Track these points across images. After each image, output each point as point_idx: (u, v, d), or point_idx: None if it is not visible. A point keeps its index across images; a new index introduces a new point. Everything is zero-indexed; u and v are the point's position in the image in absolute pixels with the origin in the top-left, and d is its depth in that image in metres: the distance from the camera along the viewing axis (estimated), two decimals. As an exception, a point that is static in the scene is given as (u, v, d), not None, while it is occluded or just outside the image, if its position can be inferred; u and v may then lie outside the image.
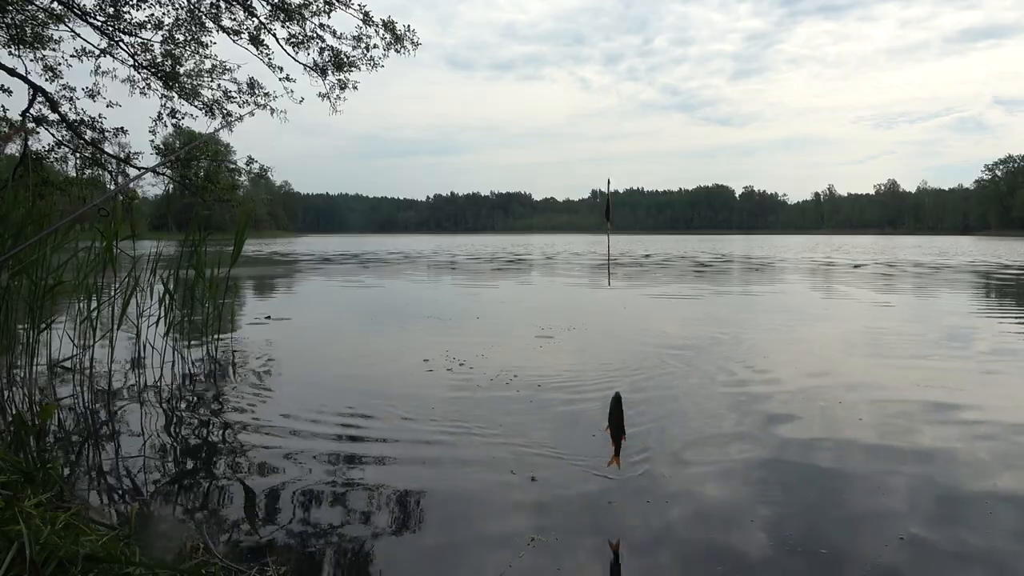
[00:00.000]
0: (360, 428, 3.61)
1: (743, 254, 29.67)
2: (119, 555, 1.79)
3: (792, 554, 2.23)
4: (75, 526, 1.93)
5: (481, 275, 16.81)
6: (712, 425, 3.66)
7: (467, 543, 2.33)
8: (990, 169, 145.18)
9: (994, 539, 2.34)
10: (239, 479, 2.88)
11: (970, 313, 8.87)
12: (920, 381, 4.67)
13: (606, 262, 21.62)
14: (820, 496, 2.72)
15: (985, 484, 2.83)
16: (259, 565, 2.06)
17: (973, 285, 13.48)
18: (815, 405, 4.05)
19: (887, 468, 3.00)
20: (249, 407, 4.06)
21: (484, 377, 4.73)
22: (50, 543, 1.73)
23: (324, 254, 30.81)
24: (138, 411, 3.93)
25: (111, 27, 9.67)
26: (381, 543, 2.30)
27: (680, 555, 2.24)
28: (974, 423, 3.71)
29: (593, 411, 3.91)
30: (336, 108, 9.98)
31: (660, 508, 2.57)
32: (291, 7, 9.50)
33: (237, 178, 12.59)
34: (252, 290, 12.50)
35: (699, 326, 7.36)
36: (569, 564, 2.17)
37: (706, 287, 13.05)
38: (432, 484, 2.81)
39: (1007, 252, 31.37)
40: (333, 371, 5.30)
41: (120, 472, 2.93)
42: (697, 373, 4.93)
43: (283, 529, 2.38)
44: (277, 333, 6.95)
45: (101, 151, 10.21)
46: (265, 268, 19.70)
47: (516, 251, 33.97)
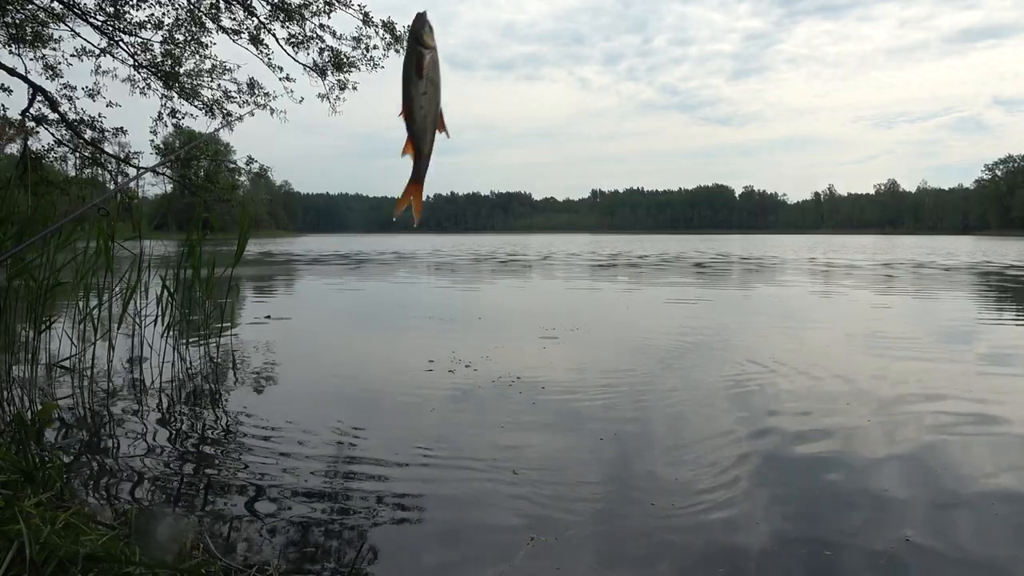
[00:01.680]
0: (360, 428, 3.61)
1: (744, 254, 29.67)
2: (119, 555, 1.79)
3: (792, 555, 2.23)
4: (75, 526, 1.93)
5: (482, 275, 16.81)
6: (713, 426, 3.66)
7: (467, 543, 2.33)
8: (990, 169, 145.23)
9: (995, 540, 2.35)
10: (239, 479, 2.88)
11: (971, 313, 8.88)
12: (921, 381, 4.67)
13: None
14: (821, 497, 2.72)
15: (986, 485, 2.83)
16: (259, 565, 2.06)
17: (974, 285, 13.47)
18: (819, 406, 4.05)
19: (888, 469, 3.00)
20: (249, 407, 4.06)
21: (487, 378, 4.73)
22: (50, 543, 1.73)
23: (321, 253, 30.81)
24: (138, 411, 3.93)
25: (111, 27, 9.67)
26: (381, 543, 2.30)
27: (680, 555, 2.24)
28: (976, 423, 3.71)
29: (597, 413, 3.92)
30: (336, 108, 9.98)
31: (660, 508, 2.57)
32: (291, 7, 9.50)
33: (237, 178, 12.60)
34: (252, 290, 12.50)
35: (702, 327, 7.37)
36: (568, 564, 2.17)
37: (708, 287, 13.05)
38: (432, 484, 2.82)
39: (1010, 252, 31.36)
40: (333, 371, 5.30)
41: (120, 472, 2.93)
42: (700, 374, 4.94)
43: (283, 529, 2.38)
44: (277, 333, 6.95)
45: (101, 151, 10.21)
46: (261, 269, 19.69)
47: (516, 251, 33.97)
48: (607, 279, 15.32)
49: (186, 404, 4.19)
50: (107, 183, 10.66)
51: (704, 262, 22.78)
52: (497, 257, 26.79)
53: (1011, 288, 12.97)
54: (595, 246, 43.93)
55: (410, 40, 1.45)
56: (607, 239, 76.81)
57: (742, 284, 14.02)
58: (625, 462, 3.11)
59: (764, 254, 29.76)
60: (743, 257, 26.38)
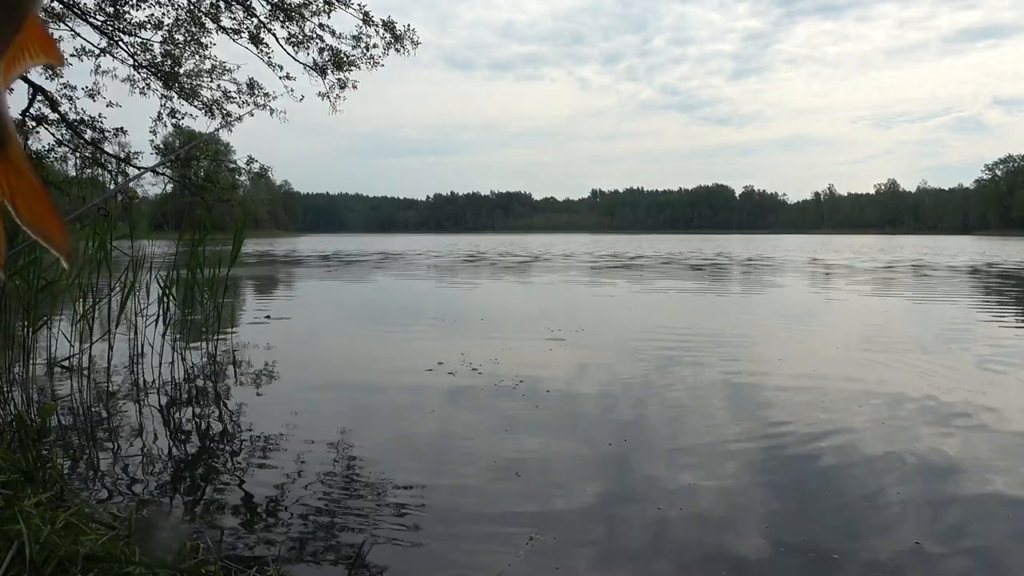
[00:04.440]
0: (361, 429, 3.61)
1: (745, 255, 29.67)
2: (119, 555, 1.79)
3: (793, 556, 2.23)
4: (75, 526, 1.93)
5: (483, 275, 16.81)
6: (715, 427, 3.66)
7: (467, 543, 2.33)
8: (990, 169, 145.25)
9: (995, 541, 2.34)
10: (239, 479, 2.88)
11: (971, 313, 8.87)
12: (922, 382, 4.67)
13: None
14: (821, 498, 2.72)
15: (987, 486, 2.83)
16: (259, 565, 2.06)
17: (974, 285, 13.47)
18: (821, 407, 4.05)
19: (890, 470, 3.00)
20: (249, 407, 4.06)
21: (489, 380, 4.72)
22: (50, 543, 1.73)
23: (321, 254, 30.80)
24: (138, 411, 3.93)
25: (111, 27, 9.67)
26: (381, 542, 2.29)
27: (680, 556, 2.24)
28: (976, 424, 3.71)
29: (599, 414, 3.92)
30: (336, 108, 9.97)
31: (660, 509, 2.57)
32: (291, 7, 9.50)
33: (237, 178, 12.59)
34: (252, 290, 12.50)
35: (704, 328, 7.36)
36: (568, 564, 2.17)
37: (710, 287, 13.05)
38: (433, 484, 2.81)
39: (1012, 252, 31.35)
40: (334, 371, 5.30)
41: (120, 472, 2.93)
42: (702, 376, 4.93)
43: (283, 529, 2.38)
44: (277, 333, 6.95)
45: (101, 151, 10.21)
46: (261, 268, 19.69)
47: (516, 251, 33.96)
48: (609, 279, 15.32)
49: (186, 404, 4.19)
50: (107, 183, 10.65)
51: (705, 262, 22.78)
52: (497, 257, 26.79)
53: (1013, 288, 12.96)
54: (595, 246, 43.93)
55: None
56: (607, 239, 76.81)
57: (744, 285, 14.02)
58: (625, 463, 3.11)
59: (765, 254, 29.76)
60: (747, 259, 26.38)
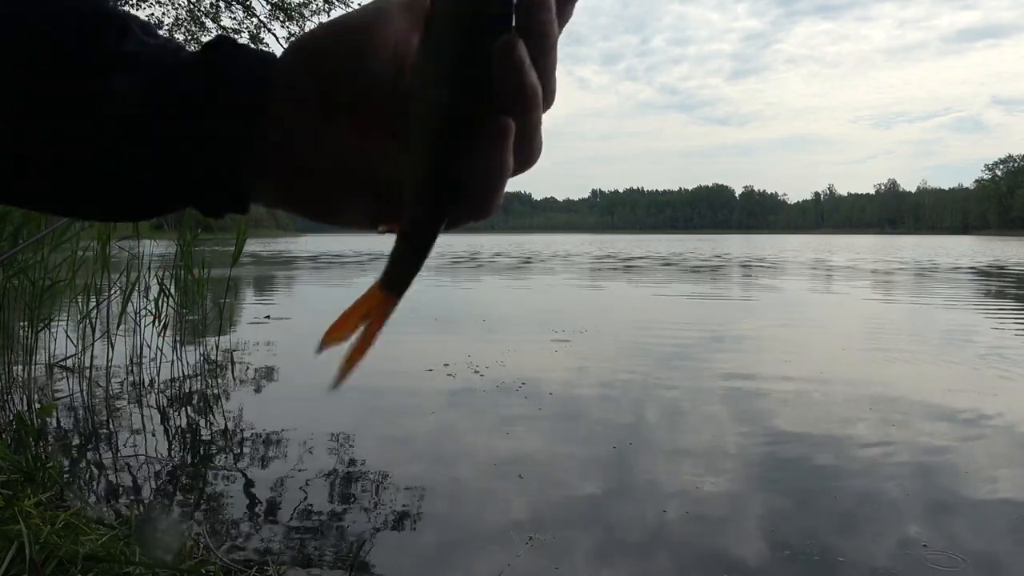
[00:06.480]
0: (361, 429, 3.61)
1: (746, 255, 29.67)
2: (119, 555, 1.79)
3: (793, 556, 2.23)
4: (75, 526, 1.93)
5: (483, 275, 16.81)
6: (716, 427, 3.67)
7: (466, 543, 2.33)
8: (990, 169, 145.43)
9: (995, 541, 2.35)
10: (239, 479, 2.88)
11: (972, 314, 8.87)
12: (923, 382, 4.67)
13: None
14: (822, 498, 2.72)
15: (987, 486, 2.83)
16: (259, 565, 2.06)
17: (975, 285, 13.47)
18: (822, 408, 4.05)
19: (890, 471, 3.01)
20: (249, 406, 4.06)
21: (491, 381, 4.71)
22: (50, 542, 1.74)
23: (321, 253, 30.80)
24: (138, 411, 3.93)
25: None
26: (381, 542, 2.30)
27: (679, 556, 2.24)
28: (976, 424, 3.71)
29: (601, 415, 3.92)
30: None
31: (660, 509, 2.58)
32: (291, 7, 9.52)
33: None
34: (252, 289, 12.50)
35: (706, 329, 7.37)
36: (567, 564, 2.17)
37: (711, 288, 13.05)
38: (433, 485, 2.81)
39: (1012, 253, 31.35)
40: (333, 371, 5.29)
41: (120, 472, 2.94)
42: (703, 377, 4.94)
43: (283, 529, 2.38)
44: (277, 333, 6.95)
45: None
46: (261, 268, 19.70)
47: (517, 251, 33.96)
48: (610, 279, 15.32)
49: (186, 404, 4.19)
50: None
51: (705, 262, 22.78)
52: (497, 257, 26.79)
53: (1012, 289, 12.96)
54: (596, 246, 43.93)
55: None
56: (607, 239, 76.82)
57: (745, 285, 14.02)
58: (626, 464, 3.11)
59: (766, 255, 29.77)
60: (748, 259, 26.39)
